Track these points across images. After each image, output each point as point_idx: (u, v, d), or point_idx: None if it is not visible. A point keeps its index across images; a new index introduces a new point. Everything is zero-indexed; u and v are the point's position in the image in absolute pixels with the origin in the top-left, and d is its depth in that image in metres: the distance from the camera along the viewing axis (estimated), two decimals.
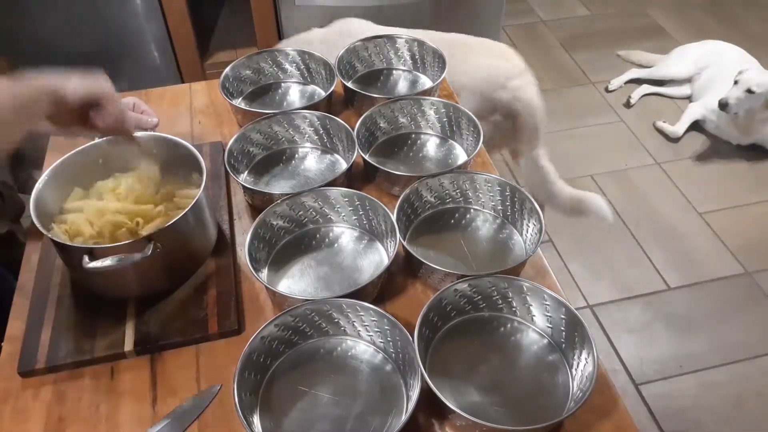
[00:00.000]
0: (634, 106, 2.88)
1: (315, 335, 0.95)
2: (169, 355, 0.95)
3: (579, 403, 0.80)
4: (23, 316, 0.98)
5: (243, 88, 1.42)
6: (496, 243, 1.11)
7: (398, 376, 0.90)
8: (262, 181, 1.22)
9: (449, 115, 1.29)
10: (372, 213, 1.08)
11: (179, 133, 1.14)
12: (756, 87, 2.36)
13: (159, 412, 0.88)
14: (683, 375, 1.87)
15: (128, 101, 1.13)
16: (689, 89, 2.89)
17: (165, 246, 0.93)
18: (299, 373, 0.91)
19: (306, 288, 1.02)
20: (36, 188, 0.97)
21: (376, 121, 1.28)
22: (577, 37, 3.32)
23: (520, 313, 0.97)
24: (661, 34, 3.25)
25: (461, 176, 1.13)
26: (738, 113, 2.43)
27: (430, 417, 0.86)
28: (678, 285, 2.13)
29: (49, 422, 0.87)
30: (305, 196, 1.08)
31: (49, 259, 1.05)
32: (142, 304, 0.99)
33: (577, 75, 3.07)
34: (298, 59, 1.42)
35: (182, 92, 1.44)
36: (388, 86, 1.45)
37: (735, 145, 2.66)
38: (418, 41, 1.44)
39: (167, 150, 1.08)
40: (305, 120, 1.25)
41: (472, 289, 0.95)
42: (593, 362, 0.85)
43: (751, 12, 3.48)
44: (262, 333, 0.88)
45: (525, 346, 0.95)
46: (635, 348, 1.93)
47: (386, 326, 0.90)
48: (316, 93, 1.42)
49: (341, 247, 1.09)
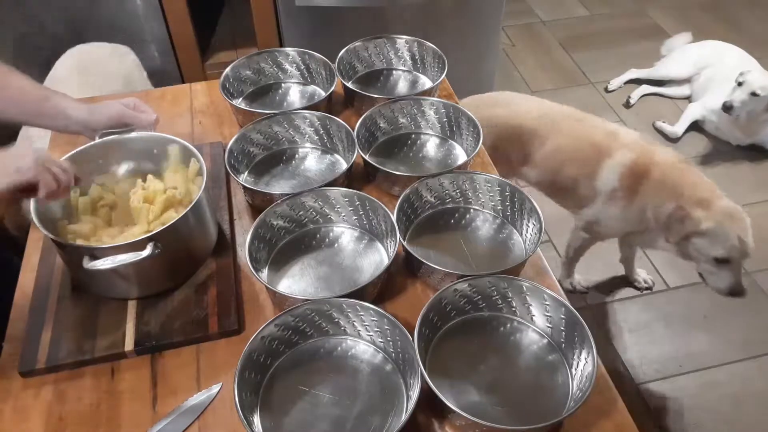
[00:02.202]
0: (633, 106, 2.88)
1: (315, 335, 0.95)
2: (169, 355, 0.95)
3: (579, 403, 0.81)
4: (24, 316, 0.98)
5: (243, 88, 1.42)
6: (495, 243, 1.11)
7: (398, 376, 0.90)
8: (263, 182, 1.22)
9: (449, 115, 1.29)
10: (372, 213, 1.08)
11: (180, 133, 1.15)
12: (760, 90, 2.35)
13: (159, 411, 0.88)
14: (683, 375, 1.87)
15: (128, 101, 1.13)
16: (689, 89, 2.89)
17: (165, 246, 0.93)
18: (299, 372, 0.91)
19: (306, 288, 1.02)
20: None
21: (376, 122, 1.28)
22: (576, 37, 3.32)
23: (519, 312, 0.97)
24: (661, 34, 3.24)
25: (461, 176, 1.13)
26: (740, 115, 2.43)
27: (430, 417, 0.86)
28: (678, 285, 2.12)
29: (50, 422, 0.87)
30: (305, 196, 1.08)
31: (50, 259, 1.06)
32: (143, 304, 0.99)
33: (576, 75, 3.07)
34: (298, 59, 1.42)
35: (183, 92, 1.44)
36: (388, 86, 1.46)
37: (734, 146, 2.66)
38: (418, 41, 1.45)
39: (167, 150, 1.08)
40: (305, 120, 1.25)
41: (472, 289, 0.96)
42: (593, 362, 0.85)
43: (751, 12, 3.48)
44: (262, 333, 0.88)
45: (525, 345, 0.95)
46: (635, 348, 1.93)
47: (386, 326, 0.90)
48: (316, 93, 1.42)
49: (341, 247, 1.09)
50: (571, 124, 1.72)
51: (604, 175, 1.64)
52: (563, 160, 1.71)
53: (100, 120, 1.09)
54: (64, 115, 1.07)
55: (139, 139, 1.09)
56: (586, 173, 1.67)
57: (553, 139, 1.71)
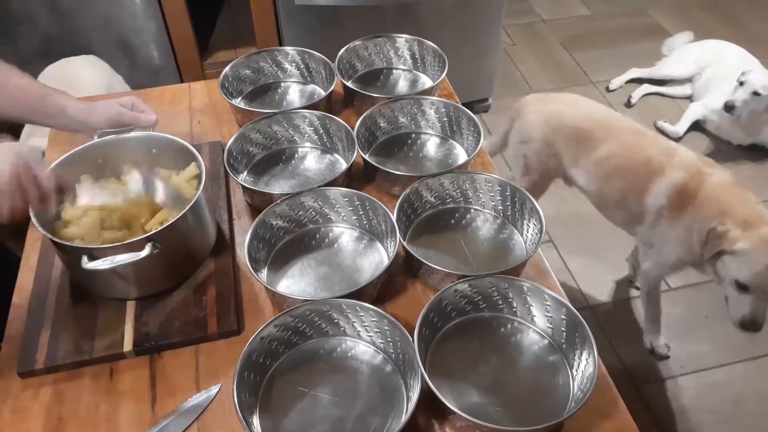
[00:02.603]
0: (634, 105, 2.88)
1: (315, 336, 0.95)
2: (168, 356, 0.94)
3: (579, 404, 0.80)
4: (22, 316, 0.98)
5: (242, 87, 1.41)
6: (496, 243, 1.10)
7: (398, 377, 0.90)
8: (262, 181, 1.22)
9: (449, 115, 1.28)
10: (372, 213, 1.07)
11: (179, 132, 1.14)
12: (762, 89, 2.35)
13: (158, 412, 0.88)
14: (683, 375, 1.87)
15: (127, 100, 1.13)
16: (690, 89, 2.89)
17: (164, 246, 0.93)
18: (299, 373, 0.91)
19: (306, 288, 1.02)
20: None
21: (376, 121, 1.27)
22: (577, 36, 3.31)
23: (520, 313, 0.97)
24: (663, 34, 3.24)
25: (461, 176, 1.13)
26: (742, 115, 2.43)
27: (430, 417, 0.86)
28: (678, 285, 2.12)
29: (49, 422, 0.87)
30: (305, 196, 1.08)
31: (49, 259, 1.05)
32: (142, 305, 0.99)
33: (577, 74, 3.06)
34: (298, 59, 1.42)
35: (182, 92, 1.44)
36: (388, 86, 1.45)
37: (736, 145, 2.66)
38: (418, 40, 1.44)
39: (166, 150, 1.08)
40: (305, 120, 1.25)
41: (472, 290, 0.95)
42: (594, 363, 0.84)
43: (752, 12, 3.48)
44: (261, 333, 0.88)
45: (525, 346, 0.95)
46: (636, 349, 1.93)
47: (386, 327, 0.90)
48: (316, 92, 1.41)
49: (341, 247, 1.09)
50: (628, 134, 1.67)
51: (654, 193, 1.59)
52: (613, 169, 1.67)
53: (99, 119, 1.09)
54: (63, 114, 1.07)
55: (138, 138, 1.09)
56: (636, 188, 1.63)
57: (608, 145, 1.67)
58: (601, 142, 1.68)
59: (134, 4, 2.32)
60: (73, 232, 0.96)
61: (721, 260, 1.47)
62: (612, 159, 1.67)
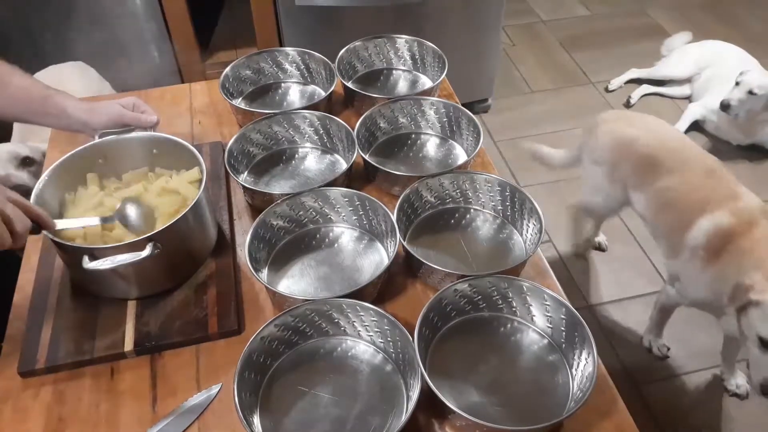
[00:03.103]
0: (634, 106, 2.88)
1: (315, 335, 0.95)
2: (169, 355, 0.95)
3: (579, 403, 0.80)
4: (23, 316, 0.98)
5: (243, 88, 1.42)
6: (496, 243, 1.11)
7: (398, 376, 0.90)
8: (262, 181, 1.22)
9: (449, 115, 1.29)
10: (372, 213, 1.08)
11: (179, 133, 1.15)
12: (758, 89, 2.35)
13: (159, 412, 0.88)
14: (685, 375, 1.87)
15: (128, 101, 1.13)
16: (689, 89, 2.89)
17: (165, 246, 0.93)
18: (299, 373, 0.91)
19: (306, 288, 1.02)
20: (36, 188, 0.97)
21: (376, 121, 1.28)
22: (577, 37, 3.31)
23: (520, 313, 0.97)
24: (662, 34, 3.24)
25: (461, 176, 1.13)
26: (739, 114, 2.43)
27: (430, 417, 0.86)
28: None
29: (49, 422, 0.87)
30: (305, 196, 1.08)
31: (49, 259, 1.05)
32: (142, 304, 0.99)
33: (577, 75, 3.07)
34: (298, 59, 1.42)
35: (182, 92, 1.44)
36: (388, 86, 1.45)
37: (735, 146, 2.66)
38: (418, 41, 1.44)
39: (167, 150, 1.08)
40: (305, 120, 1.25)
41: (472, 289, 0.95)
42: (593, 362, 0.85)
43: (751, 12, 3.48)
44: (262, 333, 0.88)
45: (525, 346, 0.95)
46: (636, 348, 1.93)
47: (386, 326, 0.90)
48: (316, 93, 1.42)
49: (341, 247, 1.09)
50: (699, 171, 1.59)
51: (695, 230, 1.51)
52: (668, 201, 1.60)
53: (100, 120, 1.09)
54: (65, 115, 1.08)
55: (138, 139, 1.09)
56: (681, 223, 1.55)
57: (674, 177, 1.60)
58: (669, 173, 1.60)
59: (135, 5, 2.32)
60: (74, 232, 0.97)
61: (747, 313, 1.36)
62: (671, 192, 1.60)
